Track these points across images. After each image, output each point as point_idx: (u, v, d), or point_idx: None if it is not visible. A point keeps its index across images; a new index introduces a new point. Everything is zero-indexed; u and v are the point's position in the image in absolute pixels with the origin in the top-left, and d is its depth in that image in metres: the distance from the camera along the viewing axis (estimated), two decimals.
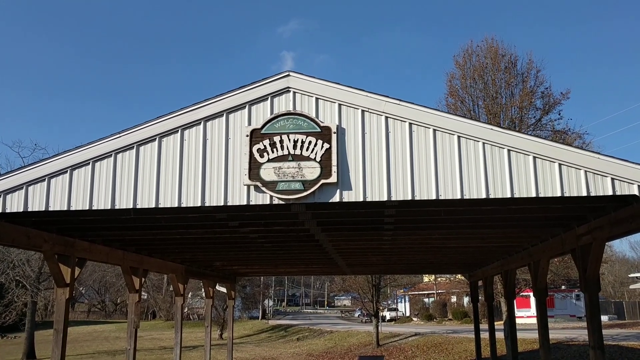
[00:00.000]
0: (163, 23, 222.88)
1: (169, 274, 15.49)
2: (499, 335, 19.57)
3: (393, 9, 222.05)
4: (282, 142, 6.79)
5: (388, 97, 6.84)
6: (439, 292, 58.91)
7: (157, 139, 7.13)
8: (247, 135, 6.87)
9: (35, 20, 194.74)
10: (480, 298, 23.68)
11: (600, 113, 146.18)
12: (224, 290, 22.10)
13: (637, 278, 52.55)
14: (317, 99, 6.97)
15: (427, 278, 61.14)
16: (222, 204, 6.88)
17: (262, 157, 6.78)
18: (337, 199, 6.69)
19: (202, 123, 7.09)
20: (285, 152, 6.77)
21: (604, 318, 43.87)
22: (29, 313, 32.41)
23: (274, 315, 77.80)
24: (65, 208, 7.13)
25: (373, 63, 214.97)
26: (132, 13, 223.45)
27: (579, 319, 43.39)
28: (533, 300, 27.98)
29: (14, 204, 7.20)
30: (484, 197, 6.51)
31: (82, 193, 7.13)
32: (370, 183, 6.68)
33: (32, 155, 30.60)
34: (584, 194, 6.38)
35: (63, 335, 8.99)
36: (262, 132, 6.87)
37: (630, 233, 7.25)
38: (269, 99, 7.05)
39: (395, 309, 65.12)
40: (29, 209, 7.19)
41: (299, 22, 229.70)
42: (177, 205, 6.96)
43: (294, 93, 7.04)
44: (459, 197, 6.54)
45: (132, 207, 7.04)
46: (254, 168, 6.76)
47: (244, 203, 6.83)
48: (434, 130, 6.71)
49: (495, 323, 18.71)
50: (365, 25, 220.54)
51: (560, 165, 6.46)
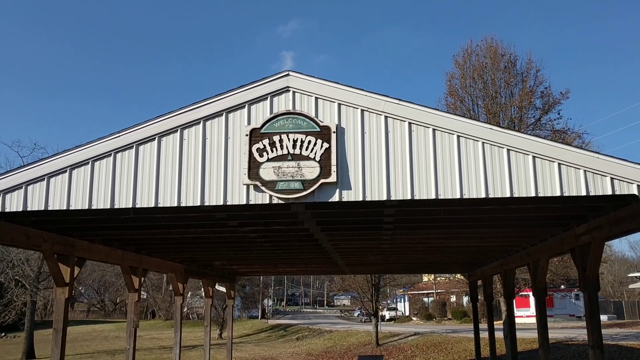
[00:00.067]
0: (163, 23, 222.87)
1: (169, 274, 15.49)
2: (499, 335, 19.58)
3: (393, 9, 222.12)
4: (281, 141, 6.79)
5: (387, 96, 6.84)
6: (439, 291, 58.94)
7: (156, 139, 7.12)
8: (246, 135, 6.87)
9: (35, 20, 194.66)
10: (480, 298, 23.69)
11: (600, 113, 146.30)
12: (224, 290, 22.12)
13: (636, 278, 52.57)
14: (316, 99, 6.97)
15: (426, 278, 61.12)
16: (221, 204, 6.88)
17: (261, 156, 6.78)
18: (336, 199, 6.69)
19: (201, 122, 7.09)
20: (285, 151, 6.77)
21: (603, 318, 43.88)
22: (29, 312, 32.42)
23: (274, 315, 77.84)
24: (65, 207, 7.13)
25: (373, 63, 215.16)
26: (131, 13, 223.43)
27: (578, 319, 43.42)
28: (532, 300, 28.02)
29: (14, 204, 7.20)
30: (484, 196, 6.51)
31: (81, 192, 7.13)
32: (370, 182, 6.68)
33: (31, 155, 30.66)
34: (584, 194, 6.38)
35: (62, 335, 9.00)
36: (261, 131, 6.87)
37: (630, 232, 7.24)
38: (269, 99, 7.04)
39: (395, 309, 65.14)
40: (29, 209, 7.18)
41: (299, 21, 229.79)
42: (176, 205, 6.95)
43: (294, 92, 7.03)
44: (459, 196, 6.54)
45: (131, 206, 7.04)
46: (254, 167, 6.76)
47: (244, 202, 6.83)
48: (434, 130, 6.71)
49: (495, 323, 18.72)
50: (365, 25, 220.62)
51: (560, 165, 6.46)
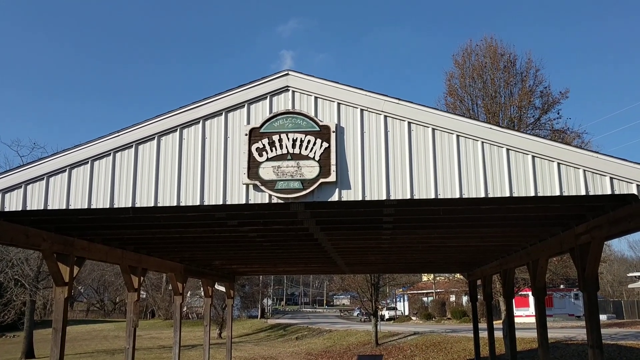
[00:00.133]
0: (162, 23, 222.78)
1: (168, 273, 15.49)
2: (498, 335, 19.59)
3: (392, 8, 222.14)
4: (281, 141, 6.78)
5: (387, 96, 6.84)
6: (438, 291, 58.94)
7: (156, 138, 7.12)
8: (246, 134, 6.86)
9: (35, 20, 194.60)
10: (479, 297, 23.68)
11: (599, 112, 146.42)
12: (223, 289, 22.15)
13: (635, 277, 52.56)
14: (316, 98, 6.96)
15: (426, 277, 61.13)
16: (221, 203, 6.88)
17: (261, 156, 6.77)
18: (336, 198, 6.69)
19: (201, 122, 7.09)
20: (284, 151, 6.76)
21: (603, 317, 43.90)
22: (28, 312, 32.42)
23: (273, 315, 77.83)
24: (64, 207, 7.12)
25: (372, 62, 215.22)
26: (131, 13, 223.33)
27: (578, 318, 43.46)
28: (532, 300, 28.02)
29: (13, 203, 7.19)
30: (483, 196, 6.51)
31: (81, 192, 7.12)
32: (369, 182, 6.68)
33: (30, 154, 30.63)
34: (583, 193, 6.38)
35: (62, 334, 9.00)
36: (261, 131, 6.86)
37: (629, 232, 7.24)
38: (268, 98, 7.04)
39: (394, 308, 65.14)
40: (28, 208, 7.17)
41: (299, 21, 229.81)
42: (176, 204, 6.95)
43: (293, 92, 7.03)
44: (458, 196, 6.53)
45: (131, 206, 7.04)
46: (253, 167, 6.75)
47: (243, 202, 6.82)
48: (433, 130, 6.70)
49: (494, 322, 18.72)
50: (365, 25, 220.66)
51: (559, 165, 6.46)
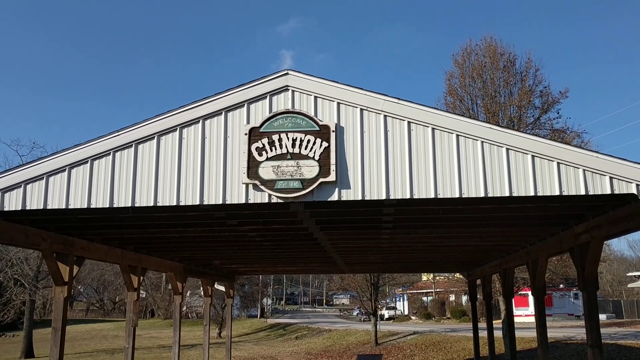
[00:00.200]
0: (162, 22, 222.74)
1: (168, 273, 15.48)
2: (498, 334, 19.60)
3: (392, 8, 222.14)
4: (280, 140, 6.78)
5: (387, 95, 6.83)
6: (438, 290, 58.95)
7: (155, 138, 7.12)
8: (245, 134, 6.86)
9: (35, 20, 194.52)
10: (479, 297, 23.68)
11: (599, 112, 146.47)
12: (223, 289, 22.15)
13: (635, 277, 52.56)
14: (315, 98, 6.96)
15: (425, 277, 61.16)
16: (220, 203, 6.87)
17: (260, 155, 6.77)
18: (335, 198, 6.68)
19: (200, 121, 7.08)
20: (284, 150, 6.76)
21: (602, 317, 43.96)
22: (27, 311, 32.42)
23: (273, 314, 77.85)
24: (64, 206, 7.12)
25: (372, 62, 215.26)
26: (131, 12, 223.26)
27: (577, 318, 43.45)
28: (531, 299, 28.04)
29: (12, 203, 7.19)
30: (483, 195, 6.50)
31: (80, 191, 7.12)
32: (369, 182, 6.67)
33: (30, 154, 30.66)
34: (583, 193, 6.38)
35: (61, 334, 8.99)
36: (260, 130, 6.86)
37: (629, 232, 7.25)
38: (268, 98, 7.03)
39: (394, 308, 65.14)
40: (27, 208, 7.17)
41: (298, 20, 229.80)
42: (175, 204, 6.95)
43: (293, 92, 7.02)
44: (458, 195, 6.53)
45: (130, 205, 7.03)
46: (253, 167, 6.75)
47: (243, 202, 6.82)
48: (433, 129, 6.70)
49: (494, 322, 18.73)
50: (365, 24, 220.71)
51: (559, 164, 6.46)
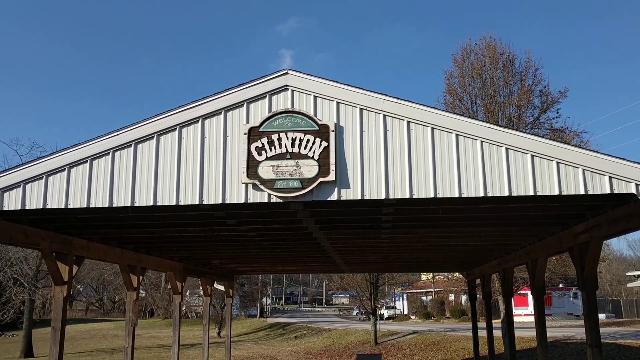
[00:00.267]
0: (162, 22, 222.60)
1: (167, 272, 15.48)
2: (497, 334, 19.61)
3: (392, 8, 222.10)
4: (280, 140, 6.78)
5: (386, 95, 6.83)
6: (437, 290, 58.99)
7: (155, 137, 7.11)
8: (245, 134, 6.86)
9: (35, 20, 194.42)
10: (478, 296, 23.68)
11: (598, 112, 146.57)
12: (222, 289, 22.11)
13: (634, 276, 52.62)
14: (315, 97, 6.96)
15: (425, 276, 61.19)
16: (220, 202, 6.87)
17: (260, 155, 6.77)
18: (335, 197, 6.68)
19: (200, 121, 7.08)
20: (284, 150, 6.76)
21: (602, 316, 43.99)
22: (27, 311, 32.41)
23: (272, 314, 77.86)
24: (63, 206, 7.11)
25: (372, 62, 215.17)
26: (130, 12, 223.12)
27: (577, 317, 43.48)
28: (531, 299, 28.03)
29: (12, 202, 7.18)
30: (482, 195, 6.50)
31: (79, 191, 7.12)
32: (369, 181, 6.67)
33: (29, 153, 30.57)
34: (582, 193, 6.38)
35: (61, 333, 8.99)
36: (260, 130, 6.86)
37: (628, 231, 7.24)
38: (267, 97, 7.03)
39: (394, 307, 65.15)
40: (27, 207, 7.16)
41: (298, 20, 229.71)
42: (175, 204, 6.94)
43: (292, 91, 7.02)
44: (457, 195, 6.53)
45: (130, 205, 7.03)
46: (252, 166, 6.75)
47: (242, 201, 6.82)
48: (432, 129, 6.70)
49: (493, 321, 18.73)
50: (365, 24, 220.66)
51: (558, 164, 6.46)
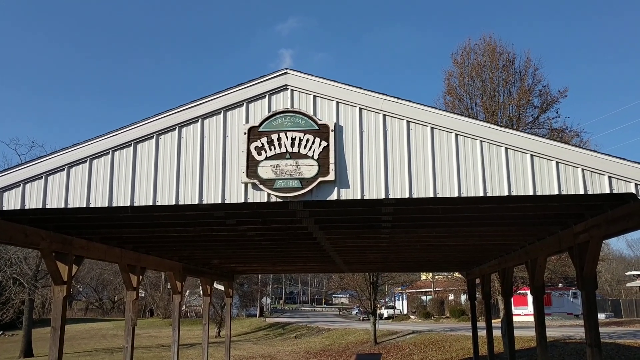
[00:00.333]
0: (161, 22, 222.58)
1: (167, 272, 15.48)
2: (497, 333, 19.62)
3: (392, 8, 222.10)
4: (279, 140, 6.78)
5: (386, 95, 6.83)
6: (437, 290, 59.01)
7: (154, 137, 7.11)
8: (244, 133, 6.86)
9: (35, 20, 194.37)
10: (478, 296, 23.69)
11: (598, 111, 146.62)
12: (222, 288, 22.14)
13: (634, 276, 52.66)
14: (314, 97, 6.96)
15: (424, 276, 61.17)
16: (219, 202, 6.87)
17: (259, 154, 6.77)
18: (334, 197, 6.68)
19: (199, 121, 7.08)
20: (283, 150, 6.75)
21: (601, 316, 44.00)
22: (27, 311, 32.41)
23: (272, 313, 77.91)
24: (63, 206, 7.11)
25: (372, 61, 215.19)
26: (130, 12, 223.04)
27: (576, 317, 43.48)
28: (530, 298, 28.07)
29: (11, 202, 7.18)
30: (482, 195, 6.50)
31: (79, 191, 7.11)
32: (368, 181, 6.67)
33: (29, 153, 30.48)
34: (581, 192, 6.38)
35: (60, 333, 8.98)
36: (259, 129, 6.86)
37: (627, 231, 7.25)
38: (267, 97, 7.03)
39: (393, 307, 65.15)
40: (26, 207, 7.15)
41: (298, 20, 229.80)
42: (174, 203, 6.94)
43: (292, 91, 7.02)
44: (457, 195, 6.53)
45: (129, 204, 7.02)
46: (252, 166, 6.75)
47: (242, 201, 6.82)
48: (432, 128, 6.70)
49: (493, 321, 18.74)
50: (364, 24, 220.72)
51: (558, 164, 6.46)
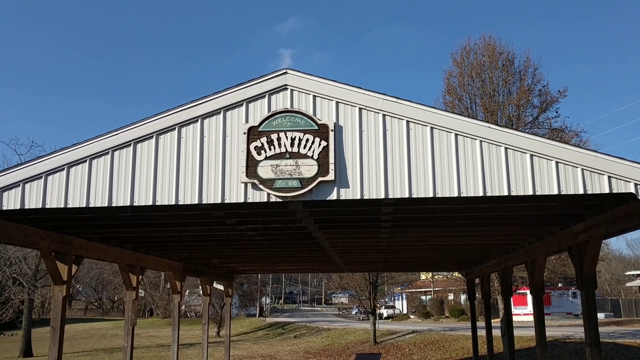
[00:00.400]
0: (161, 22, 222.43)
1: (166, 272, 15.48)
2: (496, 333, 19.65)
3: (392, 8, 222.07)
4: (279, 139, 6.78)
5: (385, 94, 6.83)
6: (436, 289, 59.03)
7: (154, 137, 7.11)
8: (244, 133, 6.86)
9: (35, 20, 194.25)
10: (477, 296, 23.70)
11: (598, 111, 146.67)
12: (222, 288, 22.14)
13: (633, 276, 52.73)
14: (314, 97, 6.96)
15: (424, 276, 61.21)
16: (219, 202, 6.87)
17: (259, 154, 6.77)
18: (334, 197, 6.68)
19: (199, 120, 7.08)
20: (283, 149, 6.75)
21: (601, 316, 44.00)
22: (26, 310, 32.42)
23: (272, 313, 77.91)
24: (62, 206, 7.11)
25: (371, 61, 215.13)
26: (129, 12, 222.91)
27: (576, 317, 43.50)
28: (530, 298, 28.07)
29: (11, 202, 7.17)
30: (481, 195, 6.51)
31: (79, 190, 7.11)
32: (368, 181, 6.67)
33: (29, 153, 30.43)
34: (581, 192, 6.39)
35: (60, 333, 8.98)
36: (259, 129, 6.86)
37: (627, 231, 7.26)
38: (267, 97, 7.03)
39: (393, 307, 65.17)
40: (26, 207, 7.15)
41: (298, 19, 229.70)
42: (174, 203, 6.94)
43: (292, 91, 7.02)
44: (456, 195, 6.53)
45: (129, 204, 7.02)
46: (252, 166, 6.75)
47: (242, 201, 6.82)
48: (432, 128, 6.70)
49: (492, 320, 18.75)
50: (364, 24, 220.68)
51: (557, 163, 6.46)
